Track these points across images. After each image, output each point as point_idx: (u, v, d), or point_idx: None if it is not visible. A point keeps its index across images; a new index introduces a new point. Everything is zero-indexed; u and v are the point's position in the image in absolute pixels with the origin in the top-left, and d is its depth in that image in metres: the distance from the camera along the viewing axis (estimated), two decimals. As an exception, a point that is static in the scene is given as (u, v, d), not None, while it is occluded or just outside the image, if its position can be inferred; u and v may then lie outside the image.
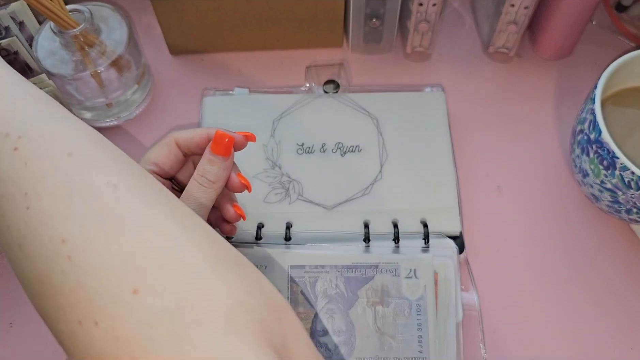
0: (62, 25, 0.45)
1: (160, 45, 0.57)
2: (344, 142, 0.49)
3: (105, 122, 0.52)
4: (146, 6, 0.58)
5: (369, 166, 0.48)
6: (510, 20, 0.51)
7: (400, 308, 0.42)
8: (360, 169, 0.48)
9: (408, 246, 0.45)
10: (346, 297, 0.42)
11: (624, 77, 0.45)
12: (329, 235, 0.45)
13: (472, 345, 0.43)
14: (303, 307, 0.42)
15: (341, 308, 0.42)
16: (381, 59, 0.57)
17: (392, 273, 0.43)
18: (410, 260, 0.43)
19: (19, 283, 0.37)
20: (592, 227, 0.48)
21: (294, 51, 0.57)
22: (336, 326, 0.42)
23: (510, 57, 0.56)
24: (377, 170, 0.48)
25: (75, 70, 0.47)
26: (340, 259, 0.43)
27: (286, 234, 0.45)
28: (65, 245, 0.22)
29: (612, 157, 0.40)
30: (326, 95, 0.51)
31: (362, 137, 0.49)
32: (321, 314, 0.42)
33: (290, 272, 0.43)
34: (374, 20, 0.52)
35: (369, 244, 0.45)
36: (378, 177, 0.47)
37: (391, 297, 0.42)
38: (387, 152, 0.48)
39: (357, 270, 0.43)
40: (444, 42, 0.58)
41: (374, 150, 0.49)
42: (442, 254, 0.44)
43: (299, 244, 0.45)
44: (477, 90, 0.55)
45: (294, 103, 0.50)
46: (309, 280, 0.43)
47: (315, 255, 0.43)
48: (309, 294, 0.42)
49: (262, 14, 0.52)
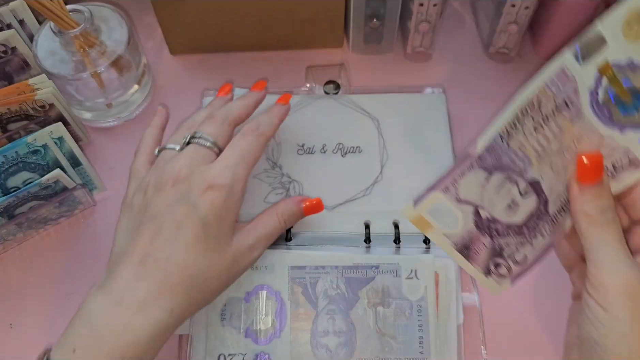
0: (62, 25, 0.45)
1: (160, 45, 0.57)
2: (345, 143, 0.49)
3: (106, 122, 0.52)
4: (146, 6, 0.58)
5: (369, 167, 0.48)
6: (510, 20, 0.51)
7: (401, 309, 0.42)
8: (361, 170, 0.48)
9: (409, 247, 0.44)
10: (347, 297, 0.42)
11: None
12: (330, 236, 0.45)
13: (472, 346, 0.43)
14: (304, 307, 0.42)
15: (342, 309, 0.42)
16: (381, 59, 0.57)
17: (393, 274, 0.43)
18: (411, 260, 0.43)
19: (19, 284, 0.37)
20: (593, 227, 0.48)
21: (294, 51, 0.57)
22: (337, 327, 0.42)
23: (511, 57, 0.56)
24: (377, 171, 0.48)
25: (76, 70, 0.47)
26: (341, 259, 0.43)
27: (287, 235, 0.45)
28: None
29: (613, 157, 0.40)
30: (327, 96, 0.51)
31: (363, 138, 0.49)
32: (322, 314, 0.42)
33: (291, 272, 0.43)
34: (374, 20, 0.52)
35: (369, 244, 0.45)
36: (379, 177, 0.47)
37: (392, 298, 0.42)
38: (387, 153, 0.48)
39: (357, 271, 0.43)
40: (444, 43, 0.58)
41: (374, 151, 0.48)
42: (443, 255, 0.44)
43: (299, 245, 0.44)
44: (477, 90, 0.55)
45: (295, 104, 0.50)
46: (310, 281, 0.43)
47: (315, 256, 0.43)
48: (310, 294, 0.42)
49: (262, 14, 0.52)
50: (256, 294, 0.42)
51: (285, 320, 0.42)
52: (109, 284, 0.34)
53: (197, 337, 0.41)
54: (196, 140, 0.39)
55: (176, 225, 0.35)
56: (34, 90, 0.45)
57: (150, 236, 0.35)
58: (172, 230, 0.35)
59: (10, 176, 0.44)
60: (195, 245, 0.35)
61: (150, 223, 0.35)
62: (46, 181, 0.43)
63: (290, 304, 0.42)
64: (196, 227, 0.35)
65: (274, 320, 0.42)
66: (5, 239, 0.46)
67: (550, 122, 0.30)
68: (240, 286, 0.42)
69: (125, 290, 0.34)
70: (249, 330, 0.42)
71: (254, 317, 0.42)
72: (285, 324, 0.42)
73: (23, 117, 0.46)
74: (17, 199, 0.43)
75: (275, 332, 0.41)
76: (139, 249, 0.35)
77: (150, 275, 0.34)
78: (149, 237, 0.35)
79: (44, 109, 0.46)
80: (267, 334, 0.41)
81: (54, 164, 0.45)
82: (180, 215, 0.35)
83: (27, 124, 0.46)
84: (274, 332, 0.41)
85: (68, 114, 0.47)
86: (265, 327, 0.42)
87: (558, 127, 0.30)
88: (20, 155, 0.44)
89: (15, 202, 0.43)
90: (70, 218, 0.49)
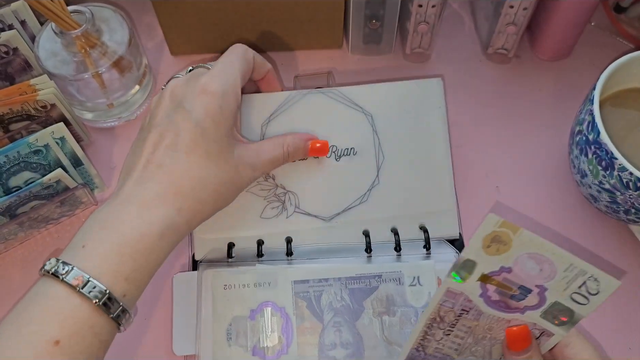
0: (63, 26, 0.45)
1: (161, 46, 0.57)
2: (338, 145, 0.46)
3: (107, 122, 0.53)
4: (147, 7, 0.58)
5: (365, 170, 0.46)
6: (509, 21, 0.51)
7: (407, 316, 0.42)
8: (357, 174, 0.46)
9: (409, 254, 0.44)
10: (352, 309, 0.42)
11: (622, 78, 0.45)
12: (330, 248, 0.45)
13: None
14: (309, 321, 0.42)
15: (348, 320, 0.42)
16: (381, 60, 0.57)
17: (396, 282, 0.43)
18: (412, 267, 0.43)
19: (20, 283, 0.38)
20: (591, 227, 0.48)
21: (294, 52, 0.57)
22: (344, 339, 0.41)
23: (509, 58, 0.56)
24: (374, 174, 0.46)
25: (77, 71, 0.47)
26: (344, 270, 0.43)
27: (287, 249, 0.44)
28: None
29: (610, 157, 0.40)
30: (316, 90, 0.47)
31: (357, 138, 0.46)
32: (328, 327, 0.42)
33: (294, 287, 0.43)
34: (373, 21, 0.53)
35: (370, 253, 0.44)
36: (375, 182, 0.46)
37: (397, 306, 0.42)
38: (383, 153, 0.46)
39: (361, 281, 0.43)
40: (443, 43, 0.58)
41: (369, 152, 0.46)
42: (443, 259, 0.44)
43: (300, 259, 0.44)
44: (476, 91, 0.55)
45: (283, 101, 0.46)
46: (314, 294, 0.43)
47: (318, 269, 0.43)
48: (315, 308, 0.42)
49: (262, 15, 0.52)
50: (261, 311, 0.42)
51: (291, 335, 0.42)
52: (117, 191, 0.36)
53: (204, 357, 0.41)
54: (197, 66, 0.42)
55: (175, 132, 0.37)
56: (35, 91, 0.45)
57: (152, 145, 0.37)
58: (172, 137, 0.37)
59: (12, 176, 0.45)
60: (195, 149, 0.37)
61: (152, 133, 0.38)
62: (48, 181, 0.43)
63: (295, 319, 0.42)
64: (194, 131, 0.37)
65: (280, 337, 0.41)
66: (7, 239, 0.46)
67: (458, 325, 0.34)
68: (244, 304, 0.42)
69: (132, 192, 0.35)
70: (255, 348, 0.41)
71: (260, 334, 0.41)
72: (292, 340, 0.41)
73: (25, 117, 0.46)
74: (18, 198, 0.43)
75: (283, 349, 0.41)
76: (144, 158, 0.37)
77: (156, 178, 0.36)
78: (152, 147, 0.37)
79: (46, 109, 0.46)
80: (275, 351, 0.41)
81: (56, 164, 0.45)
82: (177, 121, 0.37)
83: (28, 124, 0.46)
84: (281, 348, 0.41)
85: (69, 114, 0.47)
86: (272, 344, 0.41)
87: (467, 327, 0.34)
88: (22, 155, 0.44)
89: (17, 202, 0.43)
90: (71, 218, 0.49)
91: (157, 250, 0.34)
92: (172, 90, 0.39)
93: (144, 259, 0.34)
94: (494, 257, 0.31)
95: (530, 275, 0.31)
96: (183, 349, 0.42)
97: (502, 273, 0.31)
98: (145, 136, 0.38)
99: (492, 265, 0.31)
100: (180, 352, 0.42)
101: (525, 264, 0.31)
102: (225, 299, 0.42)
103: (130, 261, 0.33)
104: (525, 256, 0.30)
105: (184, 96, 0.38)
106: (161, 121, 0.38)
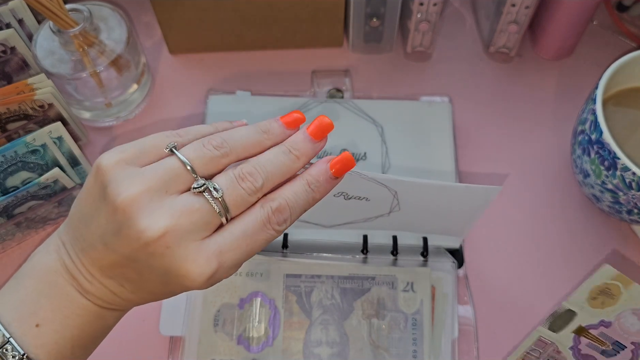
0: (61, 24, 0.45)
1: (159, 44, 0.57)
2: (348, 150, 0.47)
3: (105, 121, 0.52)
4: (146, 5, 0.58)
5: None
6: (511, 20, 0.51)
7: (396, 321, 0.42)
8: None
9: (406, 259, 0.44)
10: (341, 308, 0.42)
11: (625, 77, 0.45)
12: (327, 245, 0.45)
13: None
14: (297, 316, 0.42)
15: (336, 319, 0.42)
16: (381, 59, 0.57)
17: (389, 285, 0.43)
18: (408, 273, 0.43)
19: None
20: (593, 227, 0.48)
21: (294, 51, 0.57)
22: (330, 337, 0.41)
23: (510, 57, 0.56)
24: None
25: (75, 69, 0.47)
26: (337, 269, 0.43)
27: (283, 242, 0.44)
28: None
29: (613, 157, 0.40)
30: (331, 100, 0.51)
31: (366, 145, 0.48)
32: (315, 324, 0.42)
33: (286, 280, 0.43)
34: (374, 19, 0.52)
35: (366, 254, 0.44)
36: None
37: (387, 310, 0.42)
38: (389, 161, 0.48)
39: (353, 282, 0.43)
40: (444, 42, 0.58)
41: (376, 159, 0.48)
42: (440, 268, 0.44)
43: (295, 253, 0.44)
44: (477, 90, 0.55)
45: (299, 107, 0.49)
46: (305, 289, 0.42)
47: (311, 265, 0.43)
48: (304, 303, 0.42)
49: (262, 13, 0.52)
50: (250, 301, 0.42)
51: (278, 328, 0.42)
52: (68, 258, 0.28)
53: (190, 340, 0.41)
54: (210, 197, 0.27)
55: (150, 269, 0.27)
56: (33, 90, 0.45)
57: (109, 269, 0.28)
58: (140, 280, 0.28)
59: (9, 176, 0.44)
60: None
61: (115, 261, 0.27)
62: (45, 181, 0.43)
63: (284, 312, 0.42)
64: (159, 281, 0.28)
65: (266, 328, 0.42)
66: (4, 239, 0.45)
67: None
68: (235, 292, 0.42)
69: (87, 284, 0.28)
70: (241, 337, 0.41)
71: (247, 324, 0.42)
72: (278, 333, 0.42)
73: (22, 116, 0.46)
74: (16, 198, 0.43)
75: (268, 341, 0.41)
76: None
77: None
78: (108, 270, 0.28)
79: (43, 108, 0.46)
80: (260, 342, 0.41)
81: (53, 164, 0.45)
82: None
83: (26, 123, 0.46)
84: (266, 340, 0.41)
85: (67, 113, 0.47)
86: (258, 334, 0.41)
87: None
88: (19, 154, 0.44)
89: (14, 202, 0.43)
90: (69, 218, 0.49)
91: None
92: (158, 237, 0.26)
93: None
94: (596, 310, 0.30)
95: (629, 332, 0.30)
96: (169, 330, 0.43)
97: (600, 327, 0.30)
98: (98, 246, 0.27)
99: (592, 318, 0.30)
100: (166, 333, 0.42)
101: (627, 319, 0.30)
102: (216, 285, 0.42)
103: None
104: (630, 312, 0.29)
105: (169, 268, 0.28)
106: (131, 262, 0.27)
